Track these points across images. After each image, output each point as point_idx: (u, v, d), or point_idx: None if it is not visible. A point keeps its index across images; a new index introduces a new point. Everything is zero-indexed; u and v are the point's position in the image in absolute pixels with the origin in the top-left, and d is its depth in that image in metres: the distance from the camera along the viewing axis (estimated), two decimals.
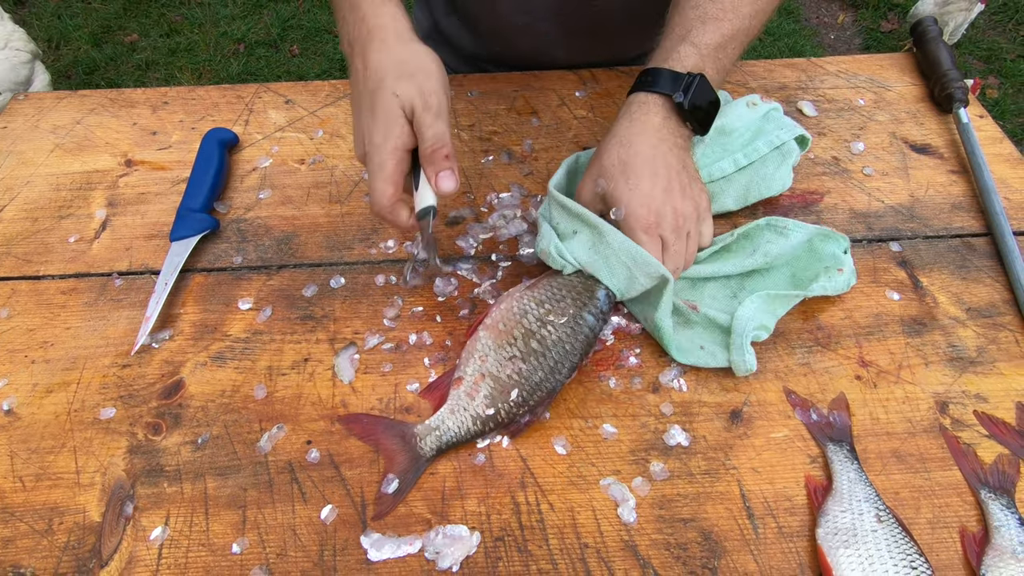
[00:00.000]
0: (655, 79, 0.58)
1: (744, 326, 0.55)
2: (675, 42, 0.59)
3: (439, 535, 0.49)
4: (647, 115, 0.57)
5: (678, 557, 0.48)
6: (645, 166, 0.55)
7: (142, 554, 0.48)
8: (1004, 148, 0.74)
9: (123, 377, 0.58)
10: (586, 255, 0.56)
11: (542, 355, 0.53)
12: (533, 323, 0.54)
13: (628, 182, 0.55)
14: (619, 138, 0.57)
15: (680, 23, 0.60)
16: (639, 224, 0.54)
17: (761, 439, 0.54)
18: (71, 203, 0.71)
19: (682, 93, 0.56)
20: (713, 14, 0.59)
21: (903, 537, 0.47)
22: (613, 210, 0.55)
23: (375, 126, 0.50)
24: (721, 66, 0.60)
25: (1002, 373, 0.57)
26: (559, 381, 0.53)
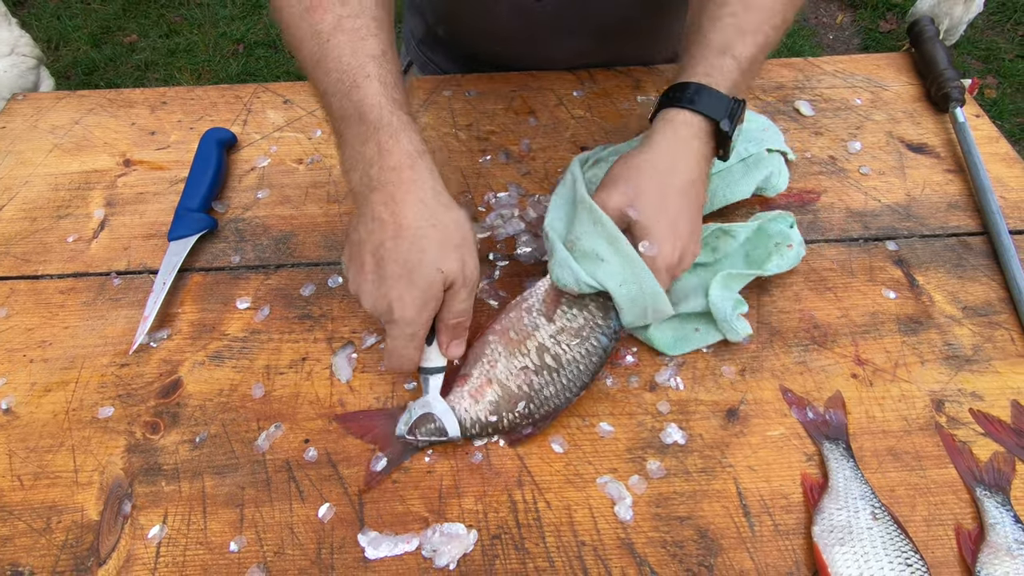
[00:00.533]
0: (700, 98, 0.54)
1: (723, 307, 0.57)
2: (715, 54, 0.55)
3: (436, 533, 0.49)
4: (692, 139, 0.54)
5: (674, 555, 0.48)
6: (684, 205, 0.53)
7: (140, 552, 0.49)
8: (1000, 147, 0.75)
9: (121, 376, 0.58)
10: (615, 287, 0.53)
11: (556, 371, 0.53)
12: (547, 339, 0.53)
13: (666, 218, 0.52)
14: (658, 163, 0.53)
15: (716, 30, 0.56)
16: (665, 263, 0.52)
17: (757, 437, 0.54)
18: (70, 203, 0.71)
19: (728, 120, 0.53)
20: (751, 25, 0.56)
21: (899, 535, 0.47)
22: (646, 244, 0.52)
23: (412, 294, 0.47)
24: (752, 81, 0.58)
25: (998, 371, 0.57)
26: (568, 399, 0.53)
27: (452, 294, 0.50)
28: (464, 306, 0.50)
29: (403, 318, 0.48)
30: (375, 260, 0.48)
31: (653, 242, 0.52)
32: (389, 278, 0.48)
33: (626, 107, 0.79)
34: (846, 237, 0.67)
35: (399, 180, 0.48)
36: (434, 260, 0.48)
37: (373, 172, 0.49)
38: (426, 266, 0.47)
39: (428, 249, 0.48)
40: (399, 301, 0.48)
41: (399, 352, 0.49)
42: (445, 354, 0.52)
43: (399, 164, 0.49)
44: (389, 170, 0.48)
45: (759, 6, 0.57)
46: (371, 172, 0.49)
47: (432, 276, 0.48)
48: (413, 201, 0.48)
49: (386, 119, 0.50)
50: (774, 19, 0.58)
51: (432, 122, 0.78)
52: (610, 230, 0.52)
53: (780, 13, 0.58)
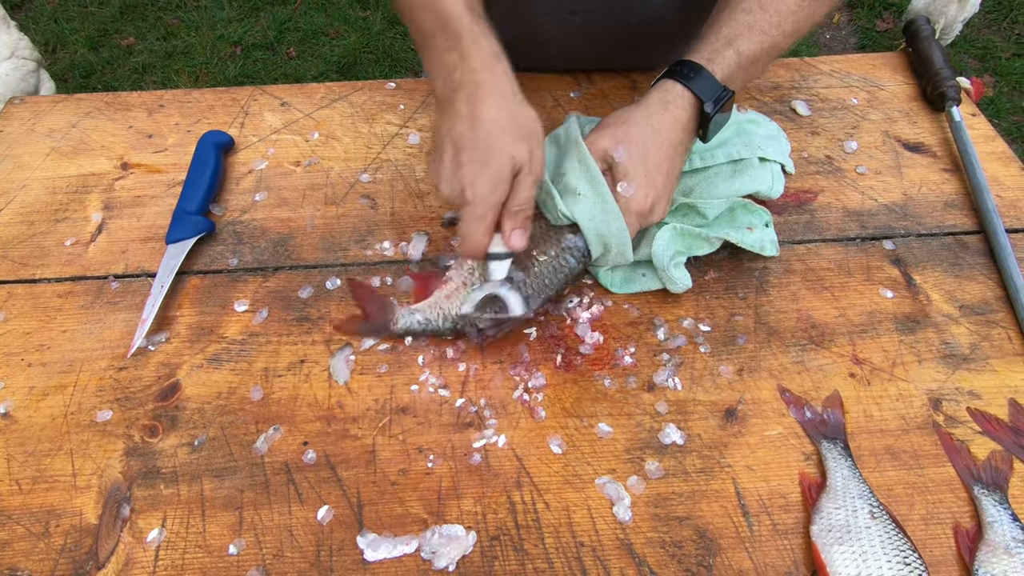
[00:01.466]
0: (695, 76, 0.59)
1: (662, 256, 0.60)
2: (721, 44, 0.60)
3: (435, 535, 0.49)
4: (679, 109, 0.59)
5: (673, 555, 0.48)
6: (664, 161, 0.58)
7: (139, 556, 0.48)
8: (996, 146, 0.75)
9: (119, 380, 0.58)
10: (585, 221, 0.58)
11: (522, 282, 0.58)
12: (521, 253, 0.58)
13: (645, 168, 0.58)
14: (647, 120, 0.59)
15: (728, 23, 0.61)
16: (636, 207, 0.57)
17: (756, 437, 0.54)
18: (67, 206, 0.71)
19: (712, 104, 0.59)
20: (761, 25, 0.60)
21: (897, 533, 0.47)
22: (623, 185, 0.57)
23: (485, 177, 0.52)
24: (748, 79, 0.62)
25: (995, 370, 0.57)
26: (531, 309, 0.58)
27: (518, 181, 0.53)
28: (528, 194, 0.54)
29: (475, 198, 0.52)
30: (454, 149, 0.53)
31: (630, 184, 0.57)
32: (465, 164, 0.52)
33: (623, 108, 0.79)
34: (843, 237, 0.67)
35: (479, 80, 0.53)
36: (507, 147, 0.52)
37: (456, 75, 0.54)
38: (499, 151, 0.52)
39: (502, 137, 0.52)
40: (472, 183, 0.52)
41: (471, 234, 0.53)
42: (507, 243, 0.55)
43: (479, 66, 0.53)
44: (470, 72, 0.53)
45: (772, 9, 0.60)
46: (454, 76, 0.54)
47: (503, 160, 0.52)
48: (491, 98, 0.53)
49: (467, 27, 0.54)
50: (784, 25, 0.61)
51: (429, 124, 0.78)
52: (592, 171, 0.58)
53: (791, 21, 0.61)
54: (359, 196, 0.72)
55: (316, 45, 2.42)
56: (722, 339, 0.60)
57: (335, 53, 2.37)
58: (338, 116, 0.80)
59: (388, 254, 0.66)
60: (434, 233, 0.68)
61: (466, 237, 0.54)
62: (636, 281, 0.63)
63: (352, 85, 0.83)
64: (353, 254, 0.67)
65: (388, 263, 0.66)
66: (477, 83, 0.53)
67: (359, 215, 0.70)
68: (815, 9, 0.63)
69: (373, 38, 2.42)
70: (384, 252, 0.67)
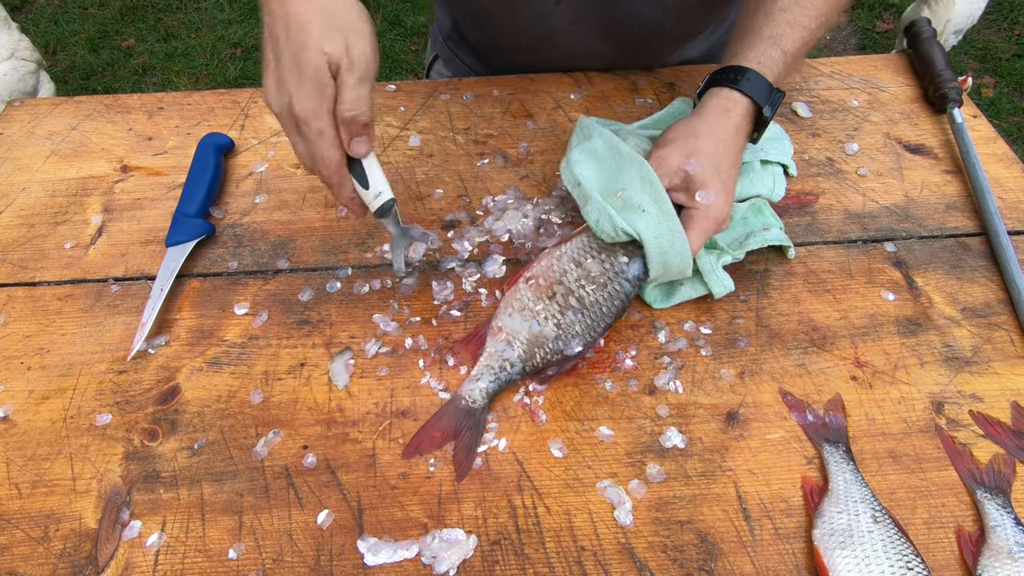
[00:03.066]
0: (749, 81, 0.59)
1: (707, 260, 0.60)
2: (766, 44, 0.60)
3: (436, 539, 0.49)
4: (739, 116, 0.59)
5: (675, 559, 0.48)
6: (732, 168, 0.59)
7: (138, 560, 0.48)
8: (998, 148, 0.75)
9: (119, 383, 0.58)
10: (651, 239, 0.56)
11: (580, 312, 0.56)
12: (572, 283, 0.57)
13: (720, 176, 0.57)
14: (713, 129, 0.59)
15: (768, 23, 0.61)
16: (716, 214, 0.57)
17: (757, 441, 0.54)
18: (67, 209, 0.71)
19: (770, 108, 0.59)
20: (801, 20, 0.61)
21: (899, 538, 0.47)
22: (702, 194, 0.57)
23: (303, 86, 0.46)
24: (792, 75, 0.63)
25: (997, 373, 0.57)
26: (593, 338, 0.56)
27: (341, 82, 0.47)
28: (354, 94, 0.47)
29: (303, 112, 0.47)
30: (273, 56, 0.48)
31: (708, 192, 0.56)
32: (284, 72, 0.47)
33: (623, 110, 0.79)
34: (844, 239, 0.67)
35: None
36: (317, 43, 0.46)
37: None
38: (310, 50, 0.46)
39: (312, 33, 0.46)
40: (295, 96, 0.47)
41: (317, 155, 0.48)
42: (349, 150, 0.50)
43: None
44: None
45: (809, 3, 0.61)
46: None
47: (317, 60, 0.46)
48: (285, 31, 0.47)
49: None
50: (820, 16, 0.61)
51: (430, 126, 0.78)
52: (657, 188, 0.57)
53: (825, 11, 0.62)
54: None
55: None
56: (723, 342, 0.59)
57: None
58: None
59: (388, 257, 0.66)
60: (435, 236, 0.68)
61: (312, 158, 0.49)
62: (677, 293, 0.61)
63: None
64: (353, 257, 0.66)
65: (388, 266, 0.66)
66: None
67: (359, 218, 0.70)
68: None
69: None
70: (385, 255, 0.66)
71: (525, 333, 0.56)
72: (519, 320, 0.56)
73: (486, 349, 0.56)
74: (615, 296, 0.57)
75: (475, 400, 0.54)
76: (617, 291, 0.57)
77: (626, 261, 0.57)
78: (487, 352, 0.56)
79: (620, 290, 0.57)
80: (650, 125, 0.72)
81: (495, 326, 0.57)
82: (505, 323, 0.57)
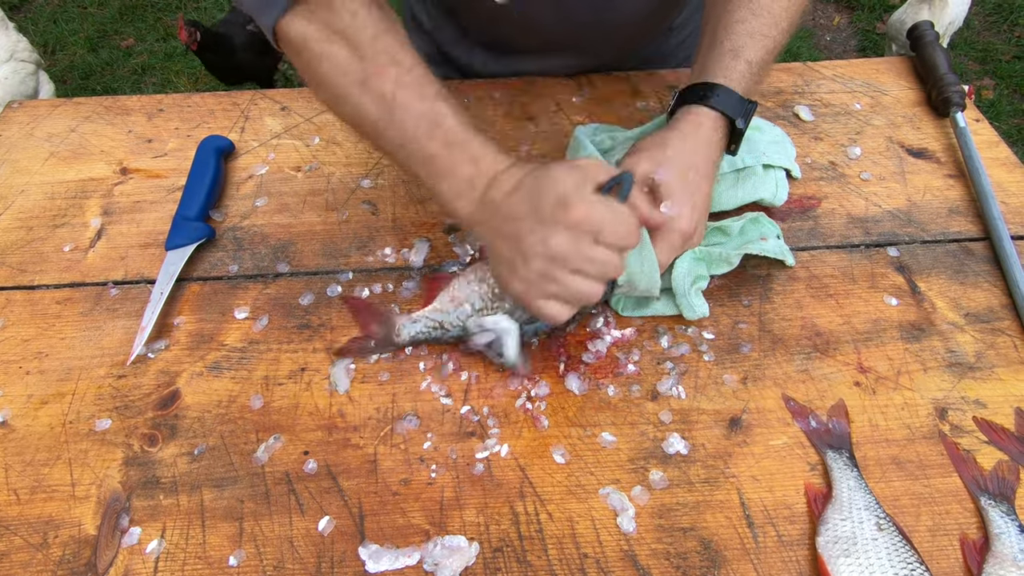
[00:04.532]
0: (719, 96, 0.58)
1: (683, 283, 0.60)
2: (729, 58, 0.60)
3: (437, 546, 0.48)
4: (711, 130, 0.59)
5: (678, 566, 0.48)
6: (703, 182, 0.58)
7: (138, 567, 0.48)
8: (1001, 152, 0.75)
9: (118, 388, 0.57)
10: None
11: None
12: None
13: (687, 189, 0.57)
14: (683, 142, 0.58)
15: (728, 36, 0.60)
16: (681, 228, 0.57)
17: (760, 447, 0.53)
18: (66, 212, 0.71)
19: (743, 120, 0.59)
20: (759, 30, 0.60)
21: (903, 545, 0.47)
22: (667, 205, 0.56)
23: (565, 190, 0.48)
24: (762, 83, 0.62)
25: (1001, 378, 0.57)
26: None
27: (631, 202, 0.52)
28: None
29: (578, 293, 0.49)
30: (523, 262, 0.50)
31: (674, 204, 0.56)
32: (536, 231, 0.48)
33: (625, 113, 0.79)
34: (847, 243, 0.67)
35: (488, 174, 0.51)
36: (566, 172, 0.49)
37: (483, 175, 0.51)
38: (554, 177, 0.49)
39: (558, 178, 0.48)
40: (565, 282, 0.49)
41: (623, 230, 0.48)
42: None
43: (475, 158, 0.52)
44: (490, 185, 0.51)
45: (765, 11, 0.61)
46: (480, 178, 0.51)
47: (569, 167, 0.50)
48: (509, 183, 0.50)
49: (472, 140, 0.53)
50: (780, 23, 0.61)
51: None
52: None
53: (786, 18, 0.62)
54: (360, 202, 0.71)
55: None
56: (726, 347, 0.59)
57: None
58: (339, 121, 0.79)
59: (390, 260, 0.66)
60: (436, 239, 0.67)
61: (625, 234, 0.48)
62: (649, 306, 0.61)
63: None
64: (354, 260, 0.66)
65: (390, 269, 0.65)
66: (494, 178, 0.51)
67: (360, 221, 0.69)
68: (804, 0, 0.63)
69: None
70: (386, 258, 0.66)
71: (475, 304, 0.57)
72: (473, 290, 0.58)
73: (435, 303, 0.59)
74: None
75: (400, 335, 0.58)
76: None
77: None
78: (434, 305, 0.59)
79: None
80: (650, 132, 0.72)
81: (451, 287, 0.59)
82: (459, 289, 0.58)
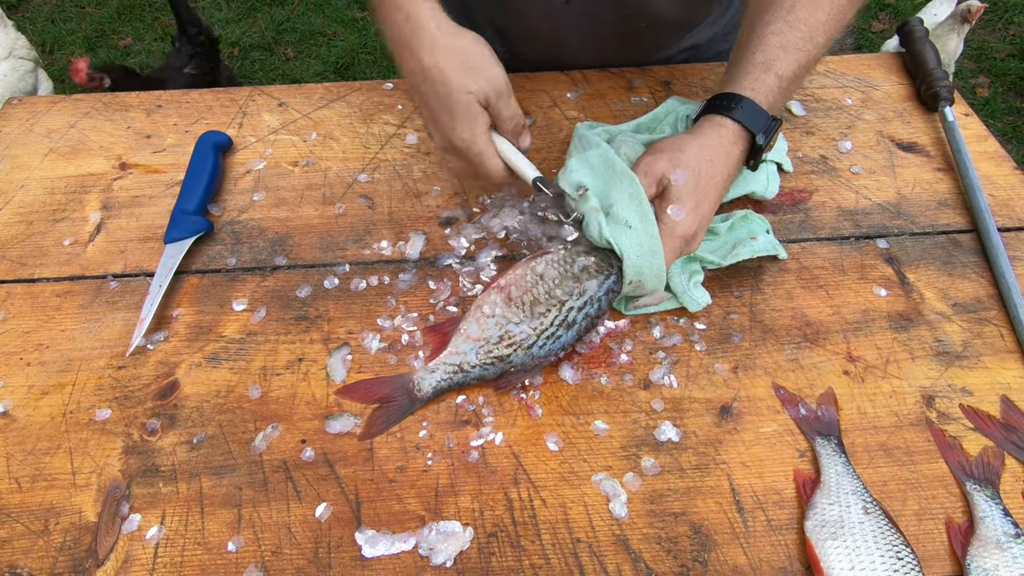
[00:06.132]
0: (743, 109, 0.58)
1: (679, 281, 0.61)
2: (760, 70, 0.59)
3: (432, 531, 0.49)
4: (732, 143, 0.59)
5: (669, 551, 0.49)
6: (713, 191, 0.58)
7: (138, 553, 0.49)
8: (989, 146, 0.76)
9: (118, 379, 0.58)
10: (633, 256, 0.56)
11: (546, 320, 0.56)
12: (542, 294, 0.56)
13: (696, 194, 0.57)
14: (701, 149, 0.58)
15: (761, 48, 0.60)
16: (682, 231, 0.56)
17: (750, 434, 0.54)
18: (66, 206, 0.72)
19: (764, 136, 0.59)
20: (794, 43, 0.59)
21: (890, 529, 0.48)
22: (674, 208, 0.56)
23: (457, 123, 0.55)
24: (788, 99, 0.63)
25: (987, 367, 0.58)
26: (555, 352, 0.56)
27: (495, 107, 0.56)
28: (510, 111, 0.57)
29: (463, 144, 0.55)
30: (424, 107, 0.57)
31: (680, 208, 0.56)
32: (438, 119, 0.56)
33: (620, 107, 0.80)
34: (837, 235, 0.68)
35: (414, 34, 0.56)
36: (460, 85, 0.54)
37: (401, 37, 0.57)
38: (455, 93, 0.54)
39: (450, 77, 0.54)
40: (449, 131, 0.55)
41: (484, 170, 0.56)
42: (519, 146, 0.59)
43: (415, 24, 0.56)
44: (409, 31, 0.56)
45: (803, 24, 0.60)
46: (400, 39, 0.57)
47: (465, 100, 0.54)
48: (427, 45, 0.55)
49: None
50: (817, 38, 0.60)
51: None
52: (645, 208, 0.56)
53: (823, 32, 0.61)
54: (357, 196, 0.72)
55: (314, 46, 2.42)
56: (717, 337, 0.60)
57: (333, 54, 2.37)
58: (336, 116, 0.80)
59: (386, 253, 0.67)
60: (432, 232, 0.68)
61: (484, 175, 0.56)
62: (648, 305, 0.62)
63: (350, 85, 0.83)
64: (351, 254, 0.67)
65: (386, 262, 0.66)
66: (412, 31, 0.55)
67: (357, 215, 0.70)
68: (845, 13, 0.62)
69: (371, 38, 2.43)
70: (382, 251, 0.67)
71: (492, 338, 0.55)
72: (487, 325, 0.56)
73: (450, 347, 0.56)
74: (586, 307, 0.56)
75: (421, 389, 0.55)
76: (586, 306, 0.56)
77: (602, 278, 0.56)
78: (449, 350, 0.56)
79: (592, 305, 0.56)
80: (645, 125, 0.73)
81: (462, 328, 0.57)
82: (471, 328, 0.56)
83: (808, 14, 0.60)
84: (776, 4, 0.61)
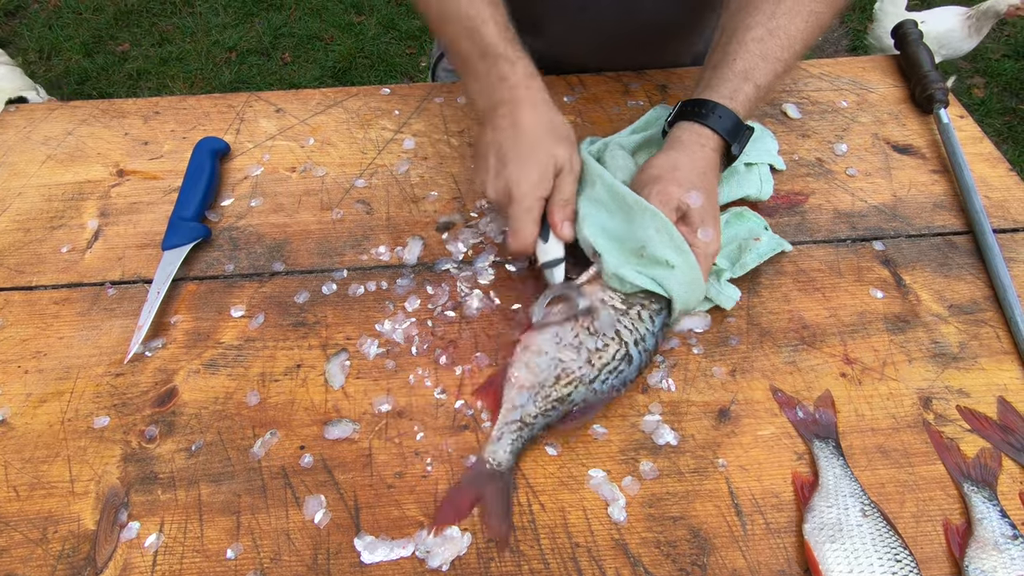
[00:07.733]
0: (720, 118, 0.59)
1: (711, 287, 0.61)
2: (739, 79, 0.60)
3: (430, 535, 0.49)
4: (712, 153, 0.60)
5: (668, 555, 0.49)
6: (716, 203, 0.59)
7: (137, 561, 0.49)
8: (984, 147, 0.76)
9: (116, 386, 0.58)
10: (682, 294, 0.55)
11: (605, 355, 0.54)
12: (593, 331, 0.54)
13: (714, 211, 0.58)
14: (695, 164, 0.59)
15: (741, 55, 0.60)
16: (712, 250, 0.57)
17: (748, 437, 0.54)
18: (63, 213, 0.72)
19: (738, 146, 0.61)
20: (774, 52, 0.60)
21: (888, 531, 0.48)
22: (703, 232, 0.56)
23: (527, 174, 0.57)
24: (760, 107, 0.64)
25: (983, 368, 0.58)
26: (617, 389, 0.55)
27: (561, 179, 0.58)
28: (571, 189, 0.59)
29: (521, 194, 0.56)
30: (497, 156, 0.58)
31: (708, 230, 0.57)
32: (509, 165, 0.57)
33: (616, 111, 0.80)
34: (834, 238, 0.68)
35: (517, 96, 0.59)
36: (547, 148, 0.58)
37: (495, 95, 0.60)
38: (540, 152, 0.57)
39: (542, 140, 0.58)
40: (516, 182, 0.57)
41: (519, 229, 0.57)
42: (559, 234, 0.58)
43: (517, 84, 0.60)
44: (509, 89, 0.59)
45: (783, 32, 0.60)
46: (494, 95, 0.60)
47: (546, 159, 0.57)
48: (529, 109, 0.59)
49: (503, 52, 0.60)
50: (795, 46, 0.61)
51: (424, 128, 0.79)
52: (677, 239, 0.55)
53: (801, 40, 0.61)
54: (354, 201, 0.72)
55: (311, 51, 2.42)
56: (715, 340, 0.60)
57: (330, 59, 2.38)
58: (333, 122, 0.80)
59: (384, 259, 0.67)
60: (429, 237, 0.68)
61: (516, 231, 0.57)
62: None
63: (347, 91, 0.84)
64: (349, 259, 0.67)
65: (384, 268, 0.66)
66: (516, 98, 0.59)
67: (354, 220, 0.70)
68: (823, 20, 0.62)
69: (367, 43, 2.43)
70: (380, 257, 0.67)
71: (548, 381, 0.53)
72: (538, 367, 0.53)
73: (504, 403, 0.53)
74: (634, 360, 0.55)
75: (499, 462, 0.51)
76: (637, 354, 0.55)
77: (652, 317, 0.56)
78: (505, 407, 0.53)
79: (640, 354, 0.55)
80: (639, 129, 0.73)
81: (512, 377, 0.54)
82: (522, 373, 0.54)
83: (788, 21, 0.60)
84: (757, 8, 0.61)
